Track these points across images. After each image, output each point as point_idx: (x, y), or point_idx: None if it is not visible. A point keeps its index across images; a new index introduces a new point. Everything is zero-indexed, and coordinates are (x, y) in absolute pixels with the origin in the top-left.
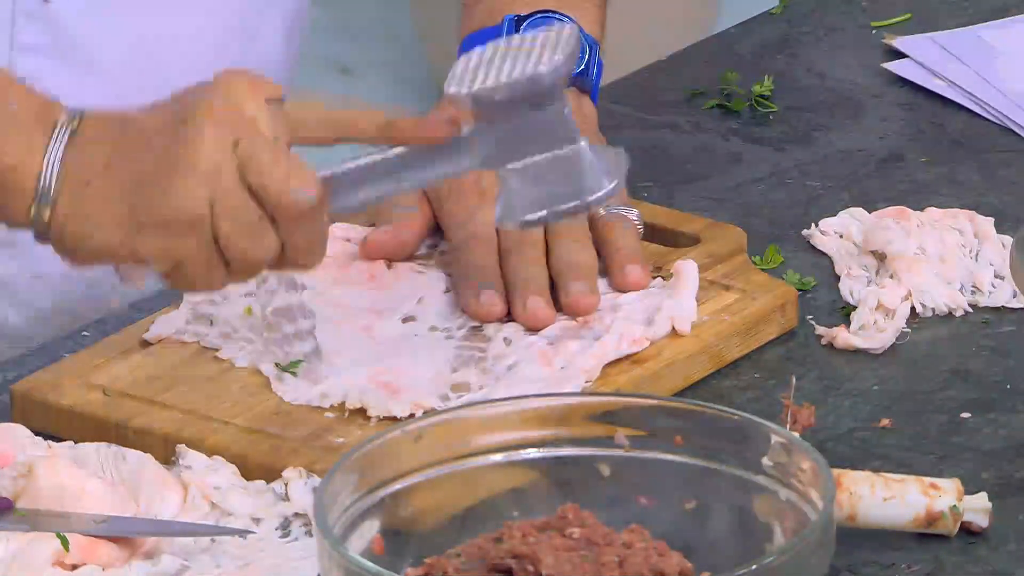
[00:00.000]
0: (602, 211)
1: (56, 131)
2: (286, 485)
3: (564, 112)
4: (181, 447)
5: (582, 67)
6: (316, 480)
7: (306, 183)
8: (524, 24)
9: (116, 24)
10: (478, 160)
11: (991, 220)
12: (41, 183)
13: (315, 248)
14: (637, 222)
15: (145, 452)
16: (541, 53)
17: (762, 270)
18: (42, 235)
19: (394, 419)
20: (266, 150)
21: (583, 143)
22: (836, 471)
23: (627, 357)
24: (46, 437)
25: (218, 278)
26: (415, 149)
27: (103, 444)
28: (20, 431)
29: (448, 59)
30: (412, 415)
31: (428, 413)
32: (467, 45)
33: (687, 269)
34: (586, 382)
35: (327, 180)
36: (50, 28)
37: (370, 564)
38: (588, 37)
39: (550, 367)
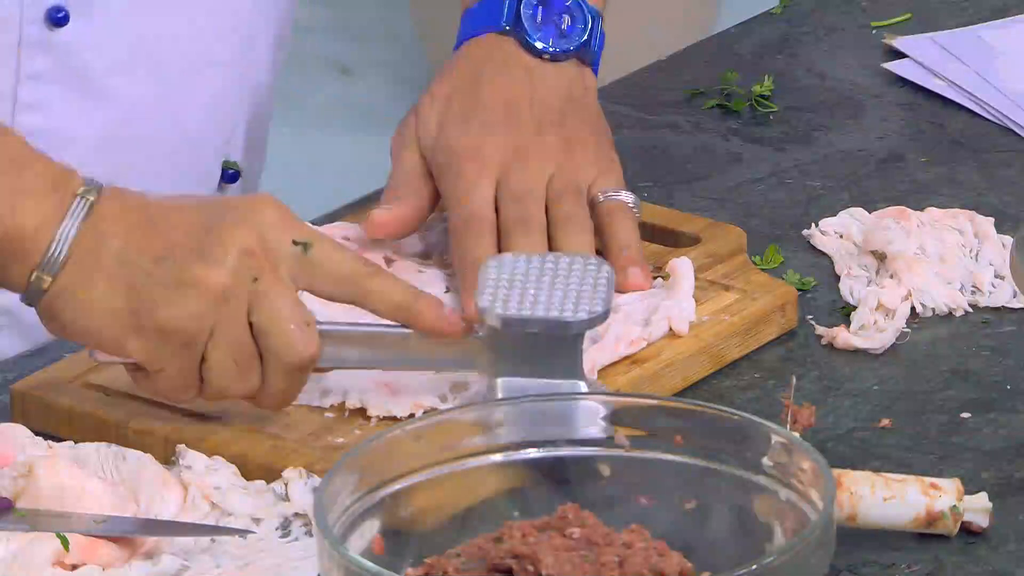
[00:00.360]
0: (600, 196)
1: (74, 203)
2: (286, 485)
3: (577, 352)
4: (181, 447)
5: (584, 38)
6: (316, 480)
7: (308, 343)
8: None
9: (124, 50)
10: (481, 365)
11: (991, 220)
12: (50, 252)
13: (288, 397)
14: (635, 208)
15: (145, 452)
16: (579, 296)
17: (762, 270)
18: (32, 300)
19: (394, 419)
20: (281, 297)
21: (582, 383)
22: (836, 471)
23: (627, 357)
24: (46, 437)
25: (188, 395)
26: (423, 336)
27: (103, 444)
28: (20, 431)
29: (447, 56)
30: (412, 415)
31: (428, 413)
32: (468, 20)
33: (682, 267)
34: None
35: (325, 335)
36: (56, 55)
37: (370, 564)
38: (592, 8)
39: None
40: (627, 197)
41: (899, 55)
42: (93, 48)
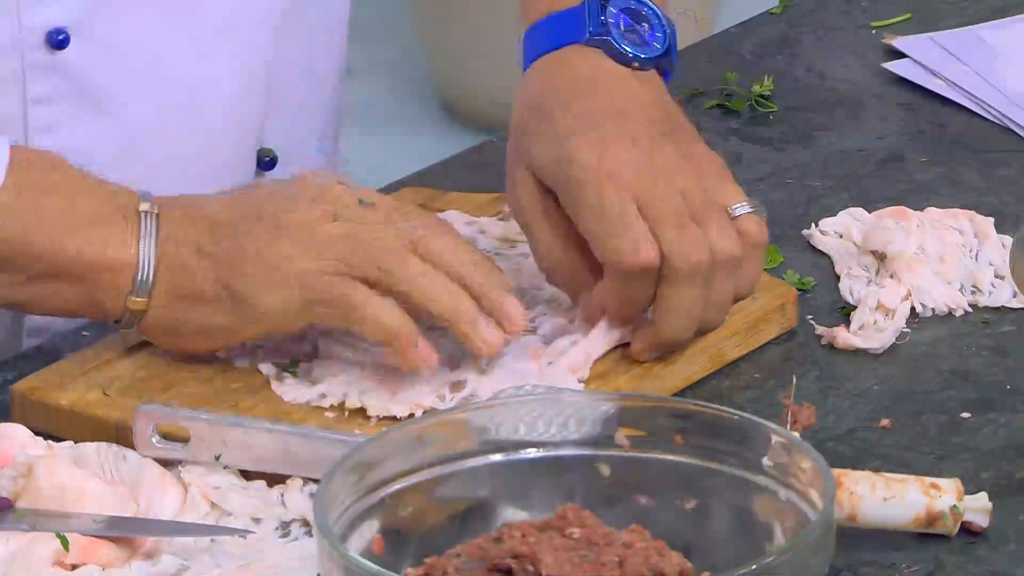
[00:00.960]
0: (734, 211)
1: (144, 221)
2: (282, 495)
3: None
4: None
5: (666, 45)
6: (313, 488)
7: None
8: (607, 10)
9: (131, 65)
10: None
11: (991, 220)
12: (139, 277)
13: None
14: (763, 216)
15: None
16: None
17: (762, 270)
18: (131, 324)
19: (394, 419)
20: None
21: None
22: (836, 471)
23: (626, 357)
24: (46, 437)
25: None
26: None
27: (103, 444)
28: (20, 431)
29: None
30: (412, 415)
31: (428, 413)
32: (539, 34)
33: None
34: (579, 381)
35: None
36: (63, 76)
37: (370, 564)
38: (667, 18)
39: (538, 362)
40: (755, 209)
41: (899, 55)
42: (99, 65)
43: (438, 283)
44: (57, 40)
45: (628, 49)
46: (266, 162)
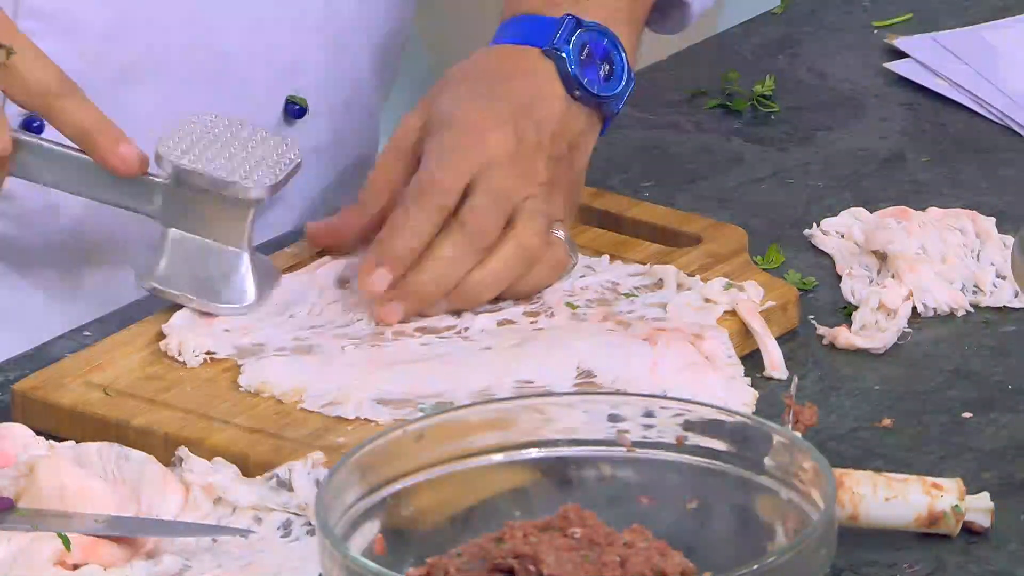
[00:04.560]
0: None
1: None
2: (290, 472)
3: (248, 219)
4: (182, 451)
5: (617, 91)
6: (321, 472)
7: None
8: (578, 33)
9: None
10: (156, 211)
11: (992, 220)
12: None
13: None
14: (571, 263)
15: (146, 452)
16: (258, 166)
17: (763, 270)
18: None
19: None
20: None
21: (245, 254)
22: (838, 471)
23: None
24: (47, 437)
25: None
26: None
27: (105, 444)
28: (22, 431)
29: (448, 58)
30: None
31: (429, 413)
32: (507, 30)
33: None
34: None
35: (21, 142)
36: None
37: (372, 564)
38: (630, 69)
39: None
40: (569, 246)
41: (900, 55)
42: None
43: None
44: (33, 127)
45: (577, 74)
46: (294, 109)
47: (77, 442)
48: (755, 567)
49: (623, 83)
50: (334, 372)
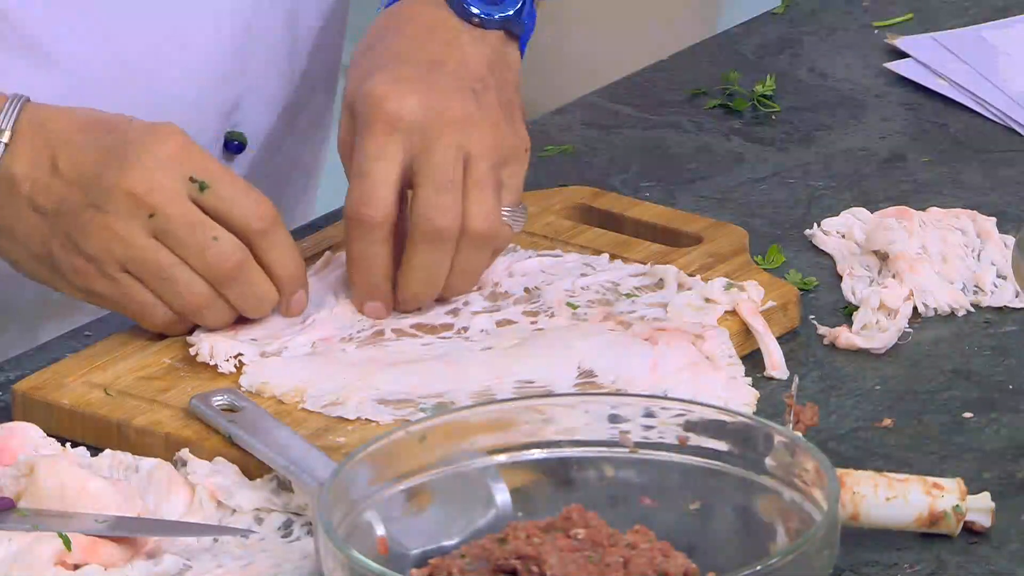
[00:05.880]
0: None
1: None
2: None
3: None
4: (184, 452)
5: (517, 7)
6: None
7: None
8: None
9: (77, 21)
10: None
11: (993, 220)
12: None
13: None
14: (519, 221)
15: (146, 452)
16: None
17: (764, 270)
18: None
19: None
20: (183, 226)
21: None
22: (839, 471)
23: None
24: (48, 437)
25: (159, 319)
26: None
27: (119, 452)
28: (32, 431)
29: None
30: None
31: (430, 415)
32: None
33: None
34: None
35: None
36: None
37: (374, 564)
38: None
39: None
40: (514, 215)
41: (901, 55)
42: (40, 14)
43: None
44: None
45: (470, 4)
46: (233, 145)
47: (77, 443)
48: (758, 568)
49: (518, 2)
50: (335, 372)
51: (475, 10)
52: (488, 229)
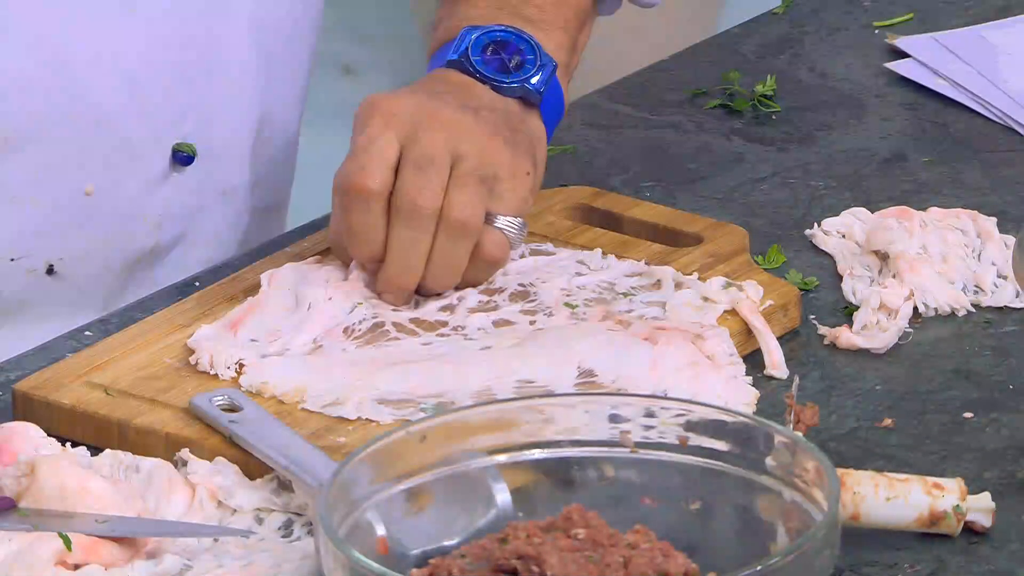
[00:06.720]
0: (492, 218)
1: None
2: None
3: None
4: (184, 452)
5: (529, 79)
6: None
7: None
8: (478, 36)
9: (9, 22)
10: None
11: (994, 220)
12: None
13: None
14: (518, 236)
15: (146, 452)
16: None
17: (764, 270)
18: None
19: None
20: None
21: None
22: (839, 471)
23: None
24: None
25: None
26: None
27: (120, 452)
28: (32, 431)
29: None
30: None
31: (430, 415)
32: (435, 62)
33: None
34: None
35: None
36: None
37: (375, 564)
38: (547, 56)
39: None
40: (511, 225)
41: (902, 55)
42: None
43: None
44: None
45: (482, 69)
46: (184, 157)
47: (77, 443)
48: (758, 568)
49: (535, 71)
50: (335, 372)
51: (486, 73)
52: (467, 219)
